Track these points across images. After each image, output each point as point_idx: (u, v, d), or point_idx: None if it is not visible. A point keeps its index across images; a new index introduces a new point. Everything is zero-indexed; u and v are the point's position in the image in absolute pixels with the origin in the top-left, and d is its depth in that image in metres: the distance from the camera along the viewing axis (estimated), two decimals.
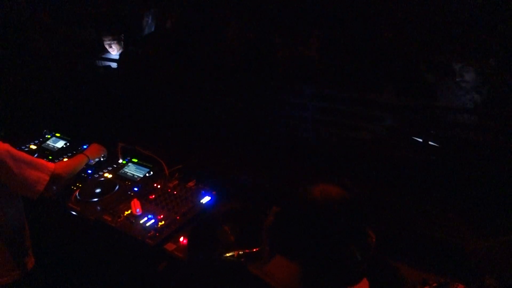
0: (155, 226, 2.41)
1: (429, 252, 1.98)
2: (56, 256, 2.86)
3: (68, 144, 3.47)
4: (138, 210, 2.52)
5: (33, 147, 3.52)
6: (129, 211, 2.54)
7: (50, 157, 3.29)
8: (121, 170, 3.04)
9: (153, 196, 2.68)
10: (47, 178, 2.36)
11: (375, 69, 3.20)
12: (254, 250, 2.11)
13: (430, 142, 2.37)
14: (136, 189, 2.79)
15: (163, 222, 2.43)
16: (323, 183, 1.28)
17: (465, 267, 1.88)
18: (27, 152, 3.33)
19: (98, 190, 2.80)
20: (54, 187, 2.74)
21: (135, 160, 3.11)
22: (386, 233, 1.57)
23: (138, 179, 2.93)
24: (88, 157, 2.87)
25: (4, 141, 2.33)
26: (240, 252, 2.11)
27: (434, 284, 1.85)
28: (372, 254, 1.28)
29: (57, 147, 3.47)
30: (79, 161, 2.80)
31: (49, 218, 2.88)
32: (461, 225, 1.94)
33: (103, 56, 4.86)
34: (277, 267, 1.23)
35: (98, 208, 2.63)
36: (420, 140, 2.39)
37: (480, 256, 1.84)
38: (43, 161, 2.42)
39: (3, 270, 2.37)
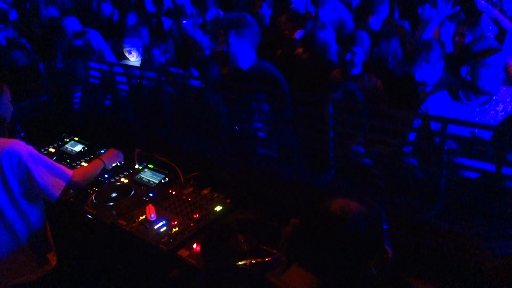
0: (169, 232, 2.42)
1: (445, 269, 1.95)
2: (73, 259, 2.89)
3: (86, 148, 3.52)
4: (152, 215, 2.54)
5: (52, 150, 3.57)
6: (144, 216, 2.56)
7: (68, 161, 3.33)
8: (137, 176, 3.07)
9: (168, 202, 2.70)
10: (64, 184, 2.45)
11: None
12: (267, 259, 2.12)
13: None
14: (151, 194, 2.81)
15: (177, 229, 2.44)
16: (342, 198, 1.30)
17: (482, 285, 1.85)
18: (45, 155, 3.41)
19: (114, 195, 2.83)
20: (71, 191, 2.81)
21: (151, 166, 3.13)
22: (402, 249, 1.56)
23: (153, 185, 2.95)
24: (104, 162, 2.89)
25: (28, 143, 2.41)
26: (252, 261, 2.12)
27: None
28: (388, 269, 1.29)
29: (75, 151, 3.51)
30: (96, 167, 2.84)
31: (68, 221, 2.91)
32: (479, 243, 1.92)
33: (121, 62, 4.92)
34: (294, 277, 1.24)
35: (114, 212, 2.66)
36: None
37: (497, 274, 1.82)
38: (63, 168, 2.50)
39: (27, 268, 2.45)
